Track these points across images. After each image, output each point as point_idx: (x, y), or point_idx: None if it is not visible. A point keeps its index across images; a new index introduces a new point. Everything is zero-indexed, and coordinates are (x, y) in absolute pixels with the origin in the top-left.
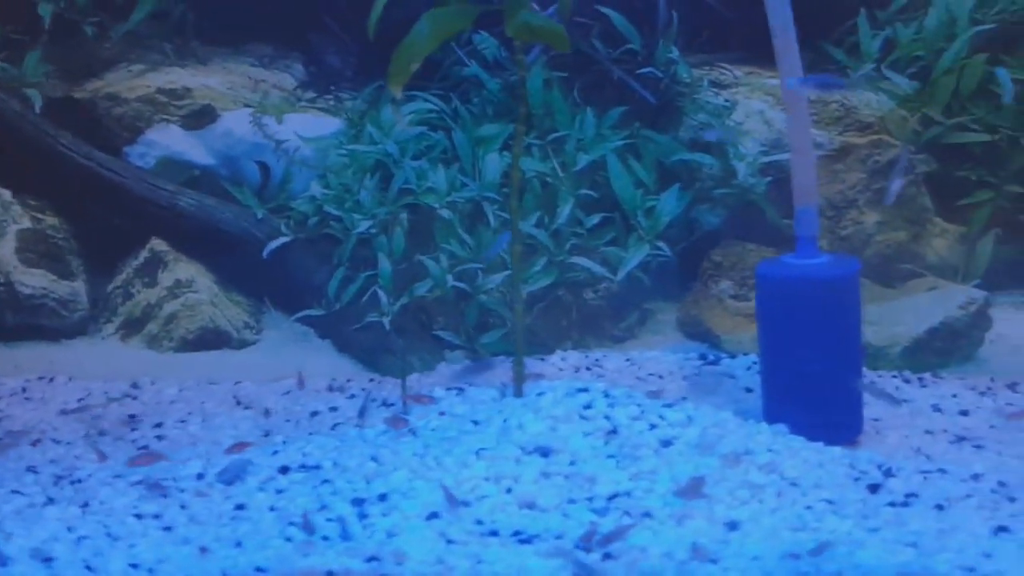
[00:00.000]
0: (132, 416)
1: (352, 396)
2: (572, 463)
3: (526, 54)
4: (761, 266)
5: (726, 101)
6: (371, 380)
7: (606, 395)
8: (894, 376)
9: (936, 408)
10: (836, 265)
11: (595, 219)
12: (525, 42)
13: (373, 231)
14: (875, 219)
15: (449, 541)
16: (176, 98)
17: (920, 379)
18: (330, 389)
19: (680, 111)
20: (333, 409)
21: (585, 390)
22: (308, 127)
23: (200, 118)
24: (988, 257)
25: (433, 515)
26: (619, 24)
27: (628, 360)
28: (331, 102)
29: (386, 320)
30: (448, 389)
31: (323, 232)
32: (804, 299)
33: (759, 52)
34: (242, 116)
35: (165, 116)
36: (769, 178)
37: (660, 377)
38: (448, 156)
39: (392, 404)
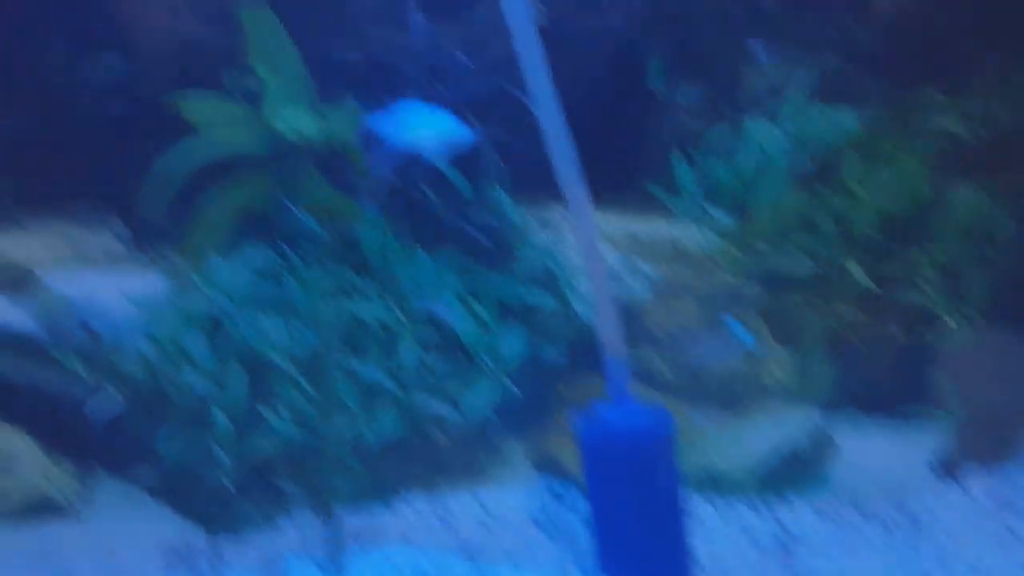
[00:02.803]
0: None
1: None
2: None
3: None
4: (577, 416)
5: (557, 239)
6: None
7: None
8: (741, 502)
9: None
10: (646, 416)
11: (439, 361)
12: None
13: (208, 387)
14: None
15: None
16: None
17: (766, 503)
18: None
19: (514, 251)
20: None
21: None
22: (134, 285)
23: (19, 283)
24: (824, 379)
25: None
26: (447, 170)
27: (479, 504)
28: (156, 258)
29: (226, 479)
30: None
31: (155, 391)
32: (614, 452)
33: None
34: (64, 279)
35: None
36: None
37: (502, 519)
38: (284, 307)
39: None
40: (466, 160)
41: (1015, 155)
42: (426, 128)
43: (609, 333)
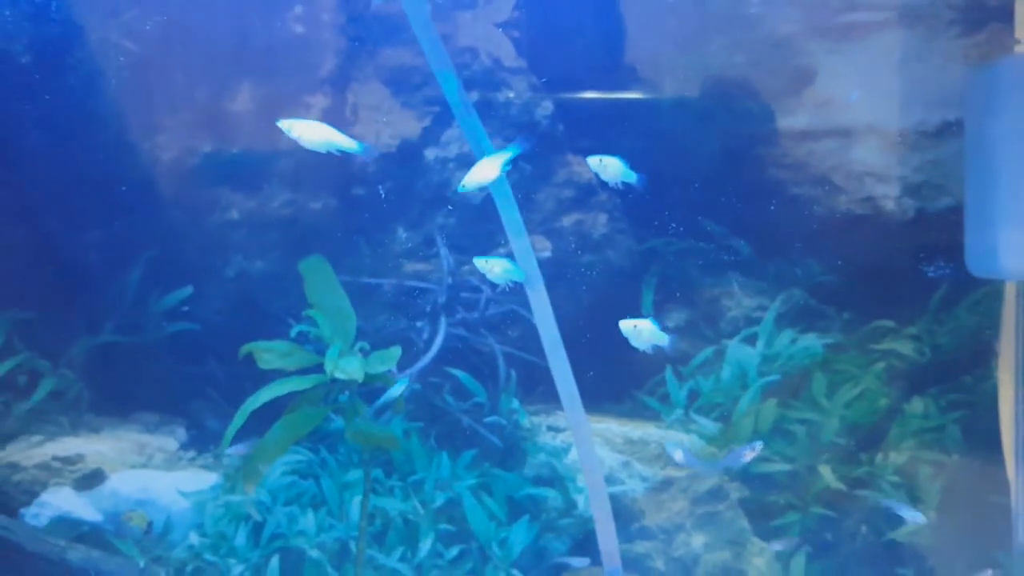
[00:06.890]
0: None
1: None
2: None
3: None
4: None
5: (562, 443)
6: None
7: None
8: None
9: None
10: None
11: (454, 551)
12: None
13: (246, 575)
14: (702, 541)
15: None
16: (70, 463)
17: None
18: None
19: (524, 452)
20: None
21: None
22: (188, 483)
23: (91, 480)
24: (802, 572)
25: None
26: (466, 381)
27: None
28: (210, 459)
29: None
30: None
31: None
32: None
33: (586, 401)
34: (128, 477)
35: (59, 480)
36: None
37: None
38: (317, 501)
39: None
40: (482, 370)
41: (955, 372)
42: None
43: (607, 547)
